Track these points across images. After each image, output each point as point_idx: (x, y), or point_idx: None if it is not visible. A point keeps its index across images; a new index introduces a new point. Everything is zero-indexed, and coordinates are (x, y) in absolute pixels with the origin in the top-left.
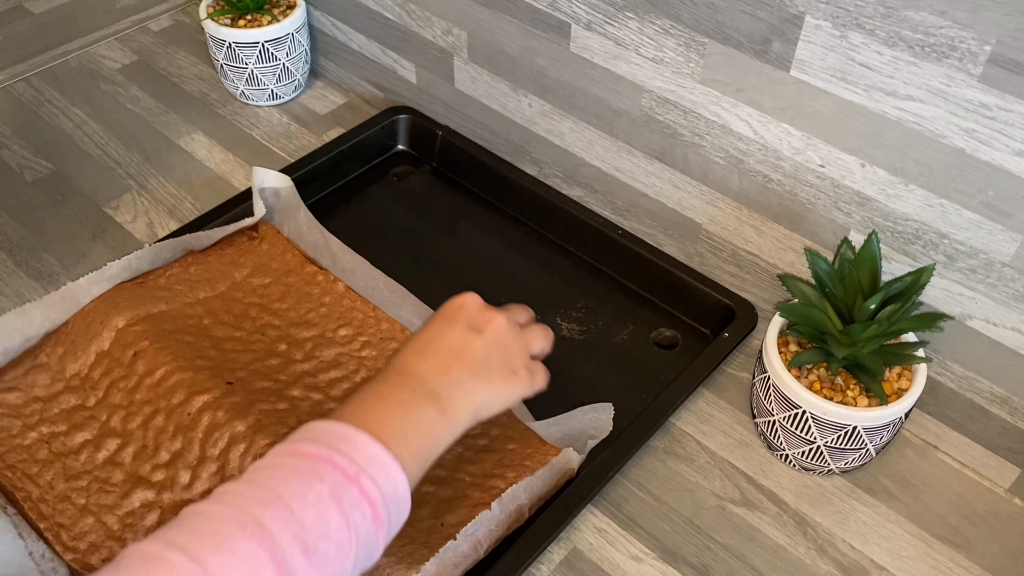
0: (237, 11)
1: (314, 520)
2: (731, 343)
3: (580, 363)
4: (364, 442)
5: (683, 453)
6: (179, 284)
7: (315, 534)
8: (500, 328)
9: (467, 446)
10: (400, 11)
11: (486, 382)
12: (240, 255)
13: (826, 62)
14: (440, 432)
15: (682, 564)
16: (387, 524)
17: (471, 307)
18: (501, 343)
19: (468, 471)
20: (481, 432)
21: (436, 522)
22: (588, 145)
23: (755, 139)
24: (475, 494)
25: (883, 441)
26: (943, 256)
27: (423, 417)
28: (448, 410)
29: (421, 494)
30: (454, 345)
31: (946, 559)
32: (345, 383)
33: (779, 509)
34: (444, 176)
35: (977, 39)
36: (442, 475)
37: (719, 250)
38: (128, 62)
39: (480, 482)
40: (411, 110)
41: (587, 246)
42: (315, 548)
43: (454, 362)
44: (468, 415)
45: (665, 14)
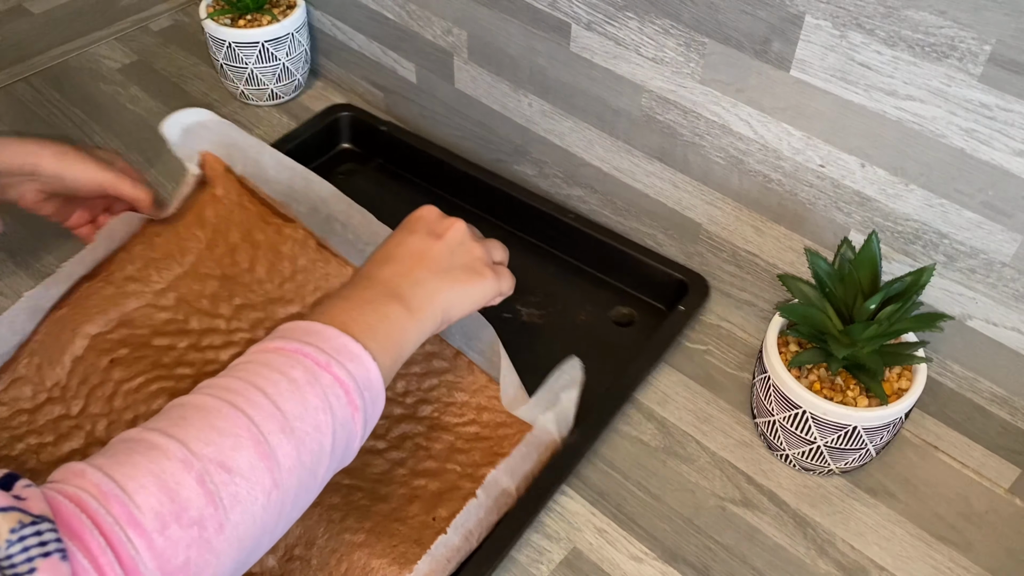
0: (237, 11)
1: (289, 403)
2: (686, 315)
3: (544, 346)
4: (333, 335)
5: (683, 453)
6: (147, 267)
7: (291, 415)
8: (459, 232)
9: (458, 435)
10: (400, 11)
11: (450, 281)
12: (199, 209)
13: (826, 62)
14: (407, 327)
15: (682, 564)
16: (363, 409)
17: (429, 216)
18: (462, 246)
19: (459, 461)
20: (472, 418)
21: (428, 517)
22: (588, 145)
23: (755, 139)
24: (466, 484)
25: (883, 441)
26: (943, 256)
27: (389, 313)
28: (414, 307)
29: (412, 488)
30: (415, 250)
31: (946, 559)
32: None
33: (779, 509)
34: (391, 171)
35: (977, 39)
36: (433, 467)
37: (719, 250)
38: (128, 62)
39: (471, 472)
40: (352, 107)
41: (539, 231)
42: (292, 427)
43: (416, 265)
44: (435, 313)
45: (665, 14)
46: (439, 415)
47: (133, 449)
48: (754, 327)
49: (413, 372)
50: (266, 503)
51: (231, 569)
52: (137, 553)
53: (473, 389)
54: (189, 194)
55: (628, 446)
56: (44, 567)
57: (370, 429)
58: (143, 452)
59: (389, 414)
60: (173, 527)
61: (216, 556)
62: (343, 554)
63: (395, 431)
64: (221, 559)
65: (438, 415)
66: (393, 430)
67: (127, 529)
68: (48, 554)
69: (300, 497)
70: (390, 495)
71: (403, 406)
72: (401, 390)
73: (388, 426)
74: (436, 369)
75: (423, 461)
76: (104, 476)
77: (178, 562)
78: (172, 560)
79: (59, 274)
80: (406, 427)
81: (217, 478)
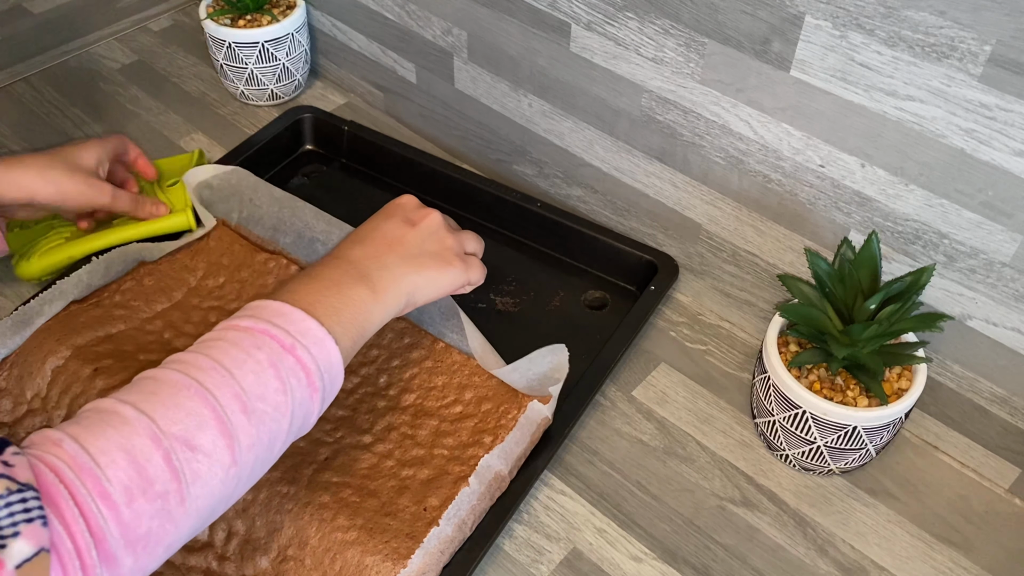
0: (237, 11)
1: (252, 383)
2: (658, 295)
3: (519, 334)
4: (299, 317)
5: (683, 453)
6: (135, 299)
7: (253, 395)
8: (433, 222)
9: (442, 417)
10: (400, 11)
11: (417, 267)
12: (191, 257)
13: (826, 62)
14: (371, 309)
15: (682, 564)
16: (321, 390)
17: (407, 204)
18: (434, 235)
19: (445, 444)
20: (454, 399)
21: (419, 508)
22: (588, 145)
23: (755, 139)
24: (455, 468)
25: (883, 441)
26: (943, 256)
27: (354, 296)
28: (379, 290)
29: (401, 479)
30: (388, 235)
31: (946, 559)
32: None
33: (779, 509)
34: (355, 171)
35: (977, 39)
36: (420, 454)
37: (719, 250)
38: (128, 62)
39: (458, 454)
40: (313, 108)
41: (508, 221)
42: (253, 408)
43: (387, 249)
44: (399, 296)
45: (665, 14)
46: (421, 401)
47: (106, 421)
48: (754, 327)
49: (394, 365)
50: (224, 478)
51: (187, 535)
52: (106, 523)
53: (452, 370)
54: (185, 243)
55: (628, 446)
56: (27, 532)
57: (327, 406)
58: (116, 426)
59: (373, 407)
60: (139, 500)
61: (176, 526)
62: (336, 552)
63: (380, 424)
64: (180, 528)
65: (420, 401)
66: (378, 423)
67: (98, 500)
68: (31, 520)
69: (256, 470)
70: (379, 489)
71: (386, 398)
72: (384, 384)
73: (373, 420)
74: (415, 359)
75: (410, 450)
76: (80, 448)
77: (141, 532)
78: (136, 530)
79: (53, 291)
80: (391, 418)
81: (182, 455)
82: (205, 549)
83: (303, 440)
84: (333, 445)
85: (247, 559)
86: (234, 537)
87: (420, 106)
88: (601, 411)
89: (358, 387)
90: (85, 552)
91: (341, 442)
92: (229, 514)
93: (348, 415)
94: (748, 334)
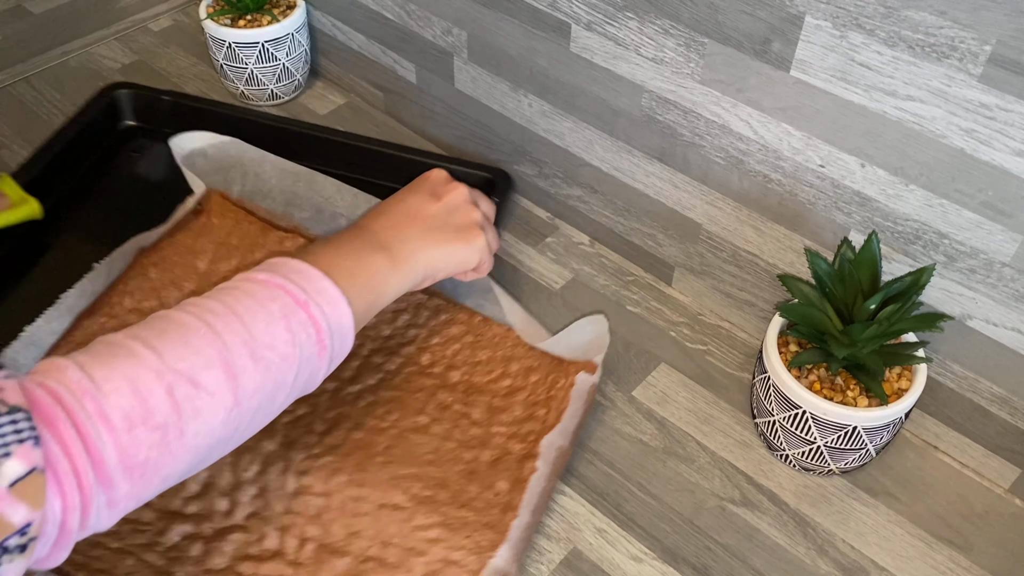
0: (237, 11)
1: (262, 332)
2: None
3: None
4: (315, 276)
5: (683, 453)
6: (146, 299)
7: (262, 344)
8: (459, 196)
9: (492, 393)
10: (400, 11)
11: (437, 241)
12: (194, 239)
13: (826, 62)
14: (388, 278)
15: (682, 564)
16: (330, 349)
17: (435, 178)
18: (459, 210)
19: (502, 421)
20: (501, 372)
21: (490, 493)
22: (588, 145)
23: (755, 139)
24: (516, 447)
25: (883, 441)
26: (943, 256)
27: (372, 263)
28: (398, 261)
29: (466, 463)
30: (411, 208)
31: (946, 559)
32: (355, 361)
33: (779, 509)
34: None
35: (977, 39)
36: (479, 433)
37: (719, 250)
38: (128, 62)
39: (516, 431)
40: (128, 84)
41: (345, 161)
42: (261, 355)
43: (409, 222)
44: (419, 267)
45: (665, 14)
46: (469, 377)
47: (114, 353)
48: (754, 327)
49: (434, 343)
50: (225, 419)
51: (185, 470)
52: (104, 446)
53: (494, 343)
54: (183, 221)
55: (628, 446)
56: (18, 452)
57: (334, 367)
58: (123, 357)
59: (422, 387)
60: (139, 428)
61: (173, 458)
62: (420, 551)
63: (432, 403)
64: (177, 461)
65: (468, 377)
66: (430, 402)
67: (98, 423)
68: (23, 440)
69: (257, 418)
70: (447, 479)
71: (432, 376)
72: (427, 362)
73: (424, 399)
74: (455, 335)
75: (468, 430)
76: (83, 374)
77: (139, 459)
78: (134, 457)
79: (59, 306)
80: (442, 396)
81: (184, 391)
82: (276, 558)
83: (361, 431)
84: (390, 430)
85: (323, 563)
86: (308, 543)
87: (420, 106)
88: (601, 411)
89: (402, 367)
90: (83, 473)
91: (398, 425)
92: (300, 521)
93: (398, 396)
94: (748, 334)
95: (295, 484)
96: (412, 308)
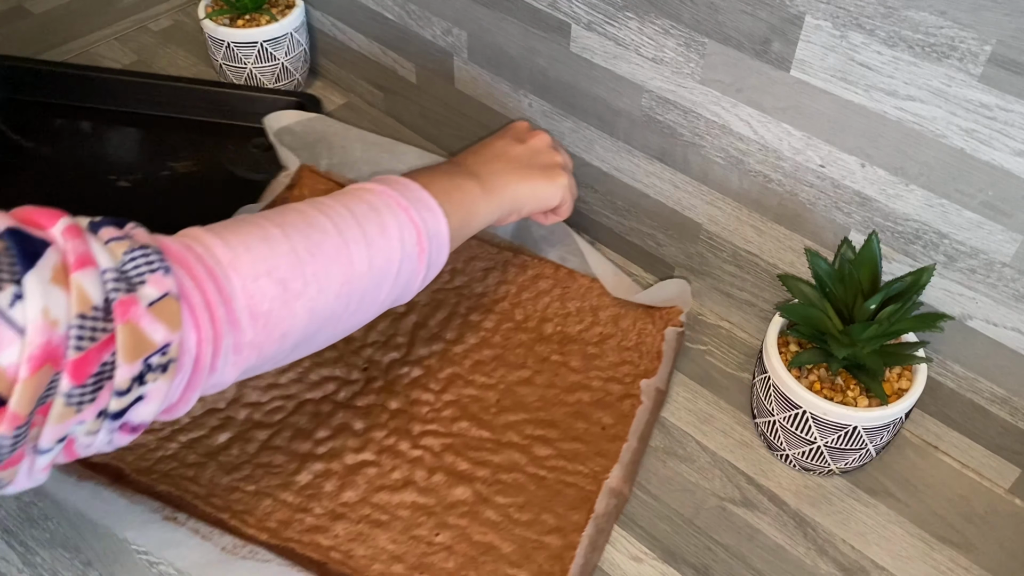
0: (236, 11)
1: (371, 227)
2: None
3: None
4: (415, 188)
5: (683, 453)
6: None
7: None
8: (543, 141)
9: (585, 341)
10: (400, 11)
11: (524, 176)
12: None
13: (826, 62)
14: (479, 202)
15: (682, 564)
16: (428, 253)
17: (519, 127)
18: (542, 153)
19: (598, 367)
20: (592, 321)
21: (596, 427)
22: (588, 145)
23: (755, 139)
24: (614, 388)
25: (883, 441)
26: (943, 256)
27: (465, 186)
28: (487, 188)
29: (571, 406)
30: (499, 148)
31: (946, 559)
32: (455, 320)
33: (779, 509)
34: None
35: (977, 39)
36: (578, 379)
37: (719, 250)
38: (128, 62)
39: (612, 374)
40: None
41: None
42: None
43: (497, 158)
44: (507, 199)
45: (665, 14)
46: (562, 328)
47: (243, 220)
48: (754, 327)
49: (525, 298)
50: (338, 292)
51: (300, 335)
52: (233, 288)
53: (581, 294)
54: (279, 197)
55: None
56: (151, 280)
57: (431, 276)
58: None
59: (520, 342)
60: (264, 279)
61: (292, 316)
62: (540, 477)
63: (531, 356)
64: (295, 321)
65: (561, 328)
66: (529, 356)
67: (228, 269)
68: (155, 270)
69: (365, 301)
70: (555, 419)
71: (527, 331)
72: (521, 317)
73: (524, 354)
74: (543, 289)
75: (567, 377)
76: (213, 234)
77: (263, 308)
78: (259, 305)
79: None
80: (539, 349)
81: (306, 256)
82: (408, 486)
83: (472, 388)
84: (498, 386)
85: (453, 487)
86: (436, 472)
87: (420, 106)
88: None
89: (499, 324)
90: (215, 306)
91: (504, 380)
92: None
93: (499, 353)
94: (748, 334)
95: (420, 428)
96: (500, 266)
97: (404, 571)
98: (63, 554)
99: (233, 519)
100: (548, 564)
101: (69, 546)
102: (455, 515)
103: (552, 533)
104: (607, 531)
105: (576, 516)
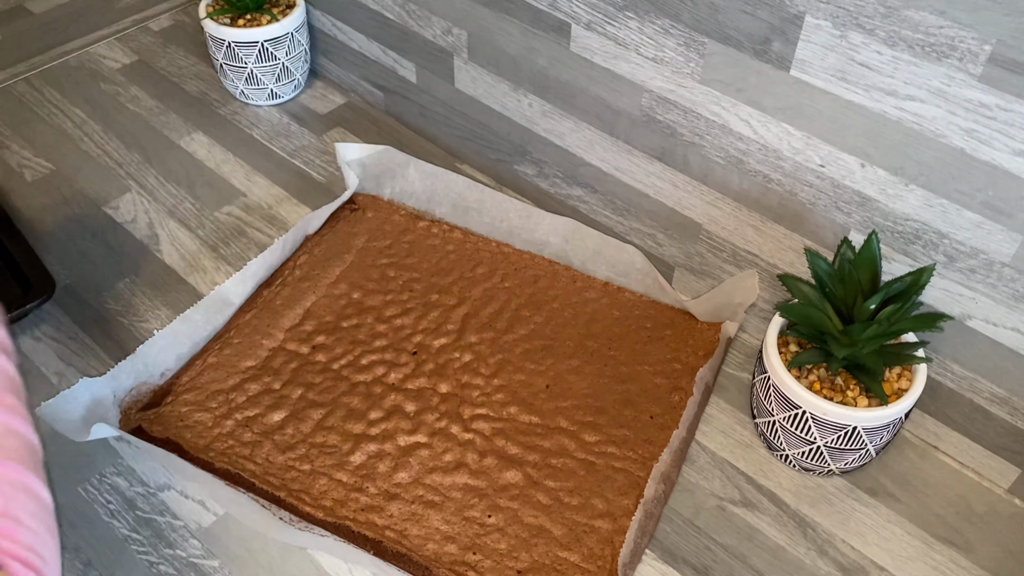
0: (236, 11)
1: None
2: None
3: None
4: None
5: None
6: (314, 269)
7: None
8: None
9: (634, 340)
10: (400, 11)
11: None
12: (351, 227)
13: (826, 62)
14: None
15: (682, 564)
16: None
17: None
18: None
19: (646, 361)
20: (637, 326)
21: (645, 416)
22: (588, 145)
23: (755, 139)
24: (661, 381)
25: (883, 441)
26: (943, 256)
27: None
28: None
29: (619, 394)
30: None
31: (946, 559)
32: (506, 313)
33: (779, 510)
34: None
35: (977, 39)
36: (627, 371)
37: (719, 250)
38: (128, 62)
39: (659, 369)
40: None
41: None
42: None
43: None
44: None
45: (665, 14)
46: (609, 327)
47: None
48: (754, 327)
49: (574, 301)
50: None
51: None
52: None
53: (629, 304)
54: (340, 214)
55: None
56: None
57: None
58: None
59: (569, 336)
60: None
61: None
62: (590, 463)
63: (580, 348)
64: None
65: (608, 328)
66: (579, 348)
67: None
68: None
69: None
70: (604, 406)
71: (576, 327)
72: (569, 315)
73: (573, 346)
74: (591, 297)
75: (617, 368)
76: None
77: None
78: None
79: (245, 271)
80: (588, 343)
81: None
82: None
83: (522, 374)
84: (548, 372)
85: (504, 470)
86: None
87: (420, 106)
88: None
89: (549, 319)
90: None
91: (554, 368)
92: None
93: (549, 344)
94: (748, 334)
95: (470, 412)
96: (550, 275)
97: (457, 551)
98: (63, 554)
99: (290, 497)
100: (598, 547)
101: (69, 546)
102: (506, 498)
103: (602, 517)
104: (656, 516)
105: (625, 501)
